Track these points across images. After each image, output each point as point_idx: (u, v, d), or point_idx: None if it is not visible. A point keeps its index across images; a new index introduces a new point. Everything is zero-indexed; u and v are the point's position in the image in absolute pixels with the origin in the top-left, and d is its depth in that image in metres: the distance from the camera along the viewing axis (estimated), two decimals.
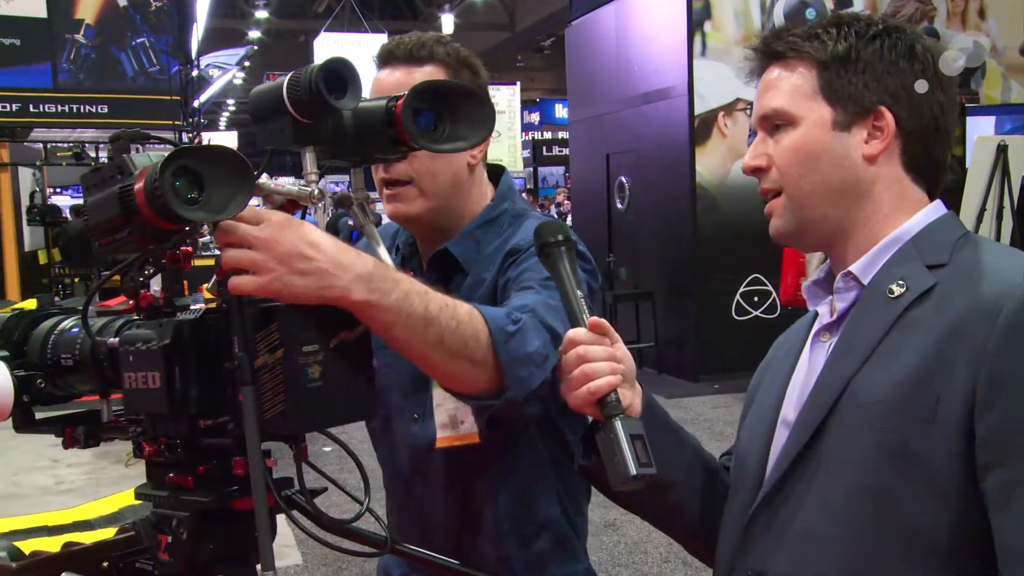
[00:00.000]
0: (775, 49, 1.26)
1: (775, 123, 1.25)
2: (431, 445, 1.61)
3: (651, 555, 4.78)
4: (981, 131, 8.34)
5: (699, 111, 8.63)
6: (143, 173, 1.04)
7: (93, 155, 11.69)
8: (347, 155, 1.25)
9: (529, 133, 25.30)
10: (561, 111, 22.91)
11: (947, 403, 1.07)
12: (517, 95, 20.95)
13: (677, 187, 8.84)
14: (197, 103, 14.74)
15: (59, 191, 16.60)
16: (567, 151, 16.37)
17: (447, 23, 21.26)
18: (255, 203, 1.14)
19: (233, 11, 23.21)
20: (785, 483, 1.21)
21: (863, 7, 9.27)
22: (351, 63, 1.15)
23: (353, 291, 1.15)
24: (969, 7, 9.66)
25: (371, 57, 1.68)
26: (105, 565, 1.19)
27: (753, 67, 1.30)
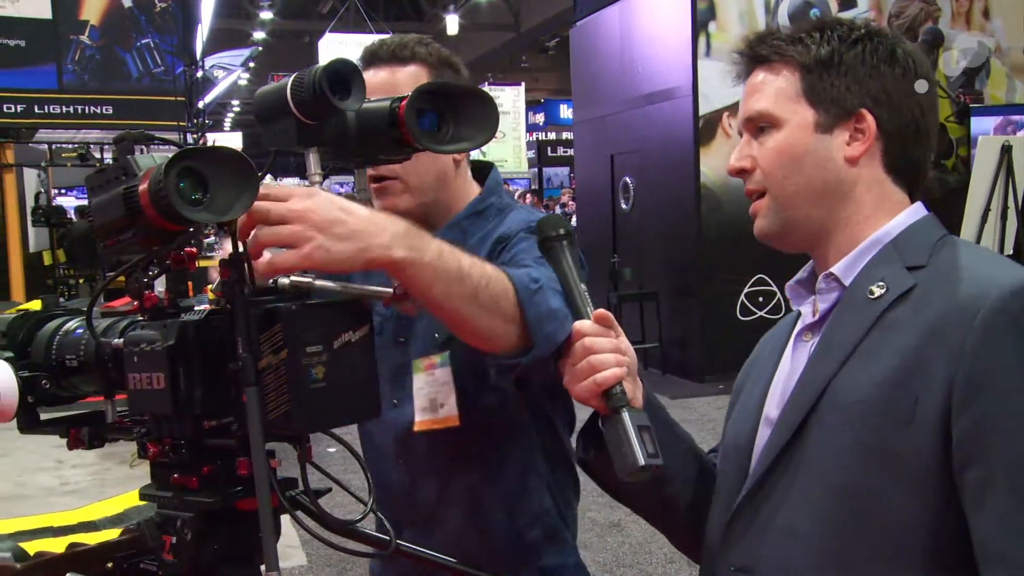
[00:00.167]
0: (760, 53, 1.29)
1: (759, 125, 1.28)
2: (410, 429, 1.63)
3: (655, 555, 4.76)
4: (985, 131, 8.33)
5: (703, 111, 8.63)
6: (147, 174, 1.05)
7: (98, 156, 11.71)
8: (351, 156, 1.25)
9: (534, 134, 25.29)
10: (566, 112, 22.90)
11: (925, 403, 1.09)
12: (522, 96, 20.98)
13: (681, 187, 8.84)
14: (202, 104, 14.74)
15: (64, 192, 16.65)
16: (572, 152, 16.38)
17: (452, 24, 21.26)
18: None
19: (238, 12, 23.25)
20: (767, 480, 1.23)
21: (867, 8, 9.27)
22: (355, 64, 1.16)
23: (394, 249, 1.16)
24: (974, 7, 9.65)
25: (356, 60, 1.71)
26: (110, 566, 1.19)
27: (739, 71, 1.32)
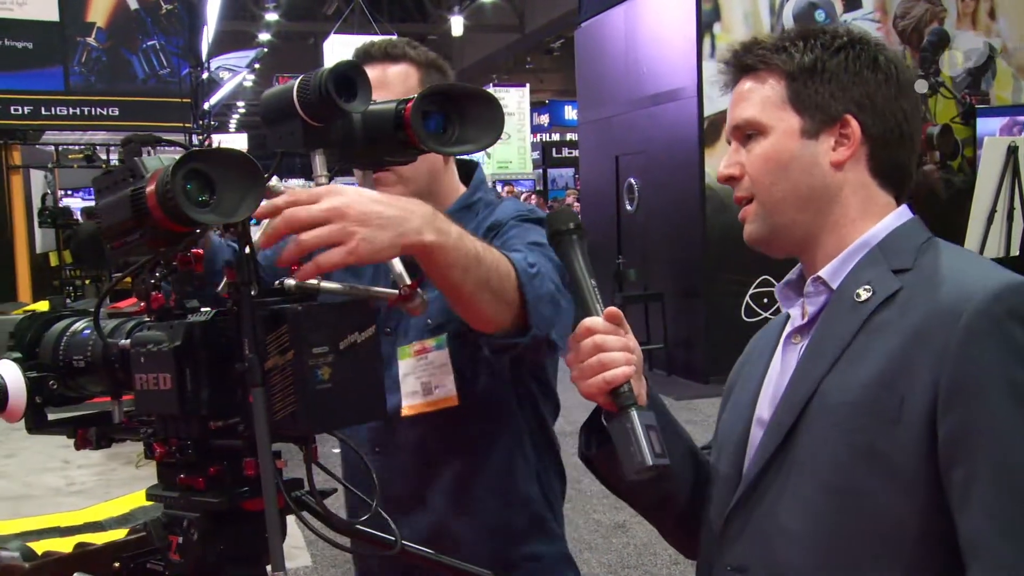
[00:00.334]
0: (745, 62, 1.32)
1: (747, 133, 1.30)
2: (396, 415, 1.64)
3: (660, 557, 4.75)
4: (991, 132, 8.31)
5: (708, 112, 8.61)
6: (155, 176, 1.05)
7: (104, 158, 11.73)
8: (357, 158, 1.26)
9: (538, 135, 25.27)
10: (570, 113, 22.85)
11: (911, 404, 1.12)
12: (526, 97, 20.93)
13: (686, 188, 8.83)
14: (207, 105, 14.79)
15: (70, 193, 16.65)
16: (576, 153, 16.37)
17: (456, 25, 21.26)
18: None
19: (243, 13, 23.26)
20: (761, 481, 1.25)
21: (872, 10, 9.26)
22: (361, 66, 1.16)
23: (424, 233, 1.19)
24: (979, 8, 9.63)
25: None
26: (116, 566, 1.19)
27: (727, 80, 1.35)
